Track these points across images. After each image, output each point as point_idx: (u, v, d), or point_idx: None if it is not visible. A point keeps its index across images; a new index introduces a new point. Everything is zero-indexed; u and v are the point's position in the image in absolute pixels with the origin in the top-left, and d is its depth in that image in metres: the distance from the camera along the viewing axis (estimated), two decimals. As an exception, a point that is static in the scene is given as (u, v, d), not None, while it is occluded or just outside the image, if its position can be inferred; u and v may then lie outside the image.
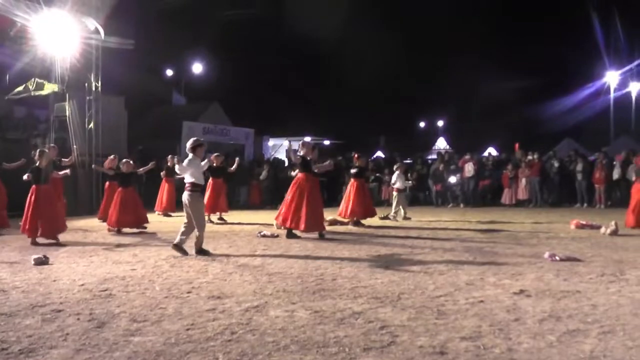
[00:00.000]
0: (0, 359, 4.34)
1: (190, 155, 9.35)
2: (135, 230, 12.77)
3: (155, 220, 15.12)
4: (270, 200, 20.29)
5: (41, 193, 10.89)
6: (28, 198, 10.93)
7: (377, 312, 5.43)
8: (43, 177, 10.99)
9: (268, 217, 14.77)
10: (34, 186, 10.97)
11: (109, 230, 12.69)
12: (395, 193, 15.97)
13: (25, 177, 10.95)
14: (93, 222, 14.53)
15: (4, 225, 12.74)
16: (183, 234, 9.19)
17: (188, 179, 9.21)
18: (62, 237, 11.15)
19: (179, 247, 9.16)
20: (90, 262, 8.69)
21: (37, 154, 11.20)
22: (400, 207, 15.67)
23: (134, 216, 12.74)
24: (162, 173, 17.40)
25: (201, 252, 9.13)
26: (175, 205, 16.91)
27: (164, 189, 17.28)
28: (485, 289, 6.41)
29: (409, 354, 4.25)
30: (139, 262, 8.55)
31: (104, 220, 13.74)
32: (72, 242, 11.03)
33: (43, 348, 4.55)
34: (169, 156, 16.89)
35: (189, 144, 9.47)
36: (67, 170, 12.84)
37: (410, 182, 17.34)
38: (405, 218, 15.44)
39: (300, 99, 39.79)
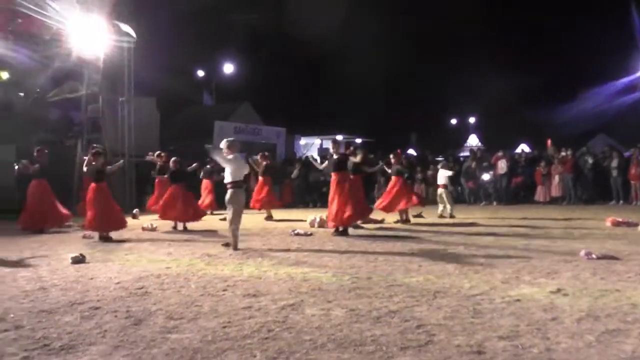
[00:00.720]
0: (43, 355, 4.39)
1: (231, 155, 9.68)
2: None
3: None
4: (302, 199, 20.31)
5: (101, 190, 11.33)
6: (88, 196, 11.37)
7: (413, 310, 5.38)
8: (102, 176, 11.48)
9: (300, 215, 14.79)
10: (93, 184, 11.40)
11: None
12: (440, 190, 15.86)
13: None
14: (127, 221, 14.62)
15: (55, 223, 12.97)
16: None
17: (227, 177, 9.61)
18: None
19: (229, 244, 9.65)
20: (126, 260, 8.79)
21: (93, 154, 11.64)
22: (445, 202, 15.57)
23: (192, 210, 13.15)
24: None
25: (228, 245, 9.64)
26: (215, 204, 17.20)
27: (204, 188, 17.45)
28: (521, 287, 6.31)
29: (447, 353, 4.20)
30: (173, 261, 8.61)
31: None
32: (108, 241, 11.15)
33: (82, 344, 4.60)
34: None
35: (223, 143, 9.82)
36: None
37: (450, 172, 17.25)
38: (441, 216, 15.31)
39: (331, 97, 39.82)
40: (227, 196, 9.65)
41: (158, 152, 15.64)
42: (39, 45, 18.85)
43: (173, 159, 13.49)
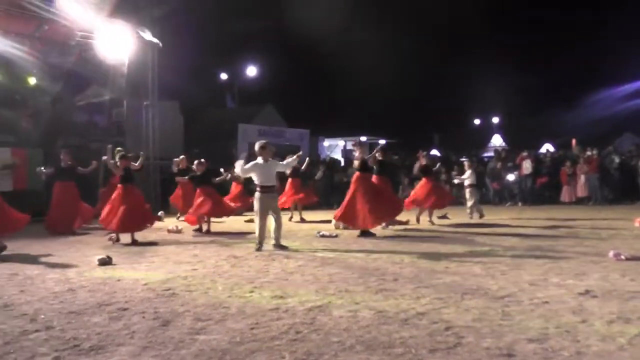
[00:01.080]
0: (73, 355, 4.43)
1: (260, 159, 9.87)
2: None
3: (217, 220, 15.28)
4: (326, 201, 20.29)
5: (128, 191, 11.44)
6: (115, 196, 11.49)
7: (441, 312, 5.35)
8: (129, 177, 11.65)
9: (325, 216, 14.78)
10: (120, 185, 11.55)
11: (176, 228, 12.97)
12: (468, 190, 15.75)
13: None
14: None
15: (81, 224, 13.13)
16: (275, 231, 9.89)
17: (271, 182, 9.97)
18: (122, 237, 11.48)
19: (278, 245, 9.83)
20: (152, 262, 8.84)
21: (118, 156, 11.81)
22: (473, 203, 15.46)
23: (219, 207, 13.24)
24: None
25: (280, 246, 9.89)
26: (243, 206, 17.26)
27: (233, 190, 17.55)
28: (549, 289, 6.24)
29: (476, 356, 4.16)
30: (199, 262, 8.64)
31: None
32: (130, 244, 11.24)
33: (112, 345, 4.63)
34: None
35: (258, 146, 10.01)
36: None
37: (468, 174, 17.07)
38: (481, 216, 15.21)
39: (355, 98, 39.79)
40: (254, 199, 9.90)
41: (182, 156, 15.74)
42: (65, 51, 19.11)
43: (197, 161, 13.53)
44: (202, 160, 13.54)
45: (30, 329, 5.15)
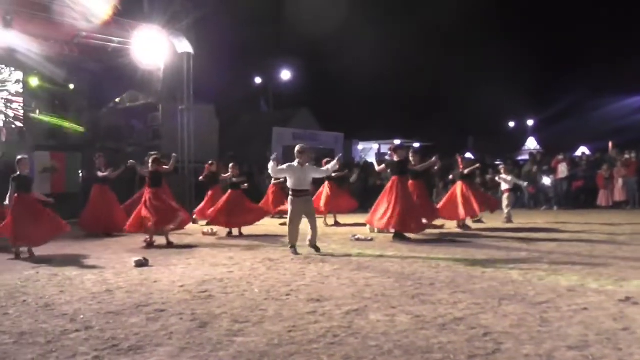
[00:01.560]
0: (113, 355, 4.47)
1: (296, 163, 9.87)
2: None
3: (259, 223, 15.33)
4: (361, 204, 20.19)
5: (158, 194, 11.52)
6: (144, 200, 11.58)
7: (479, 318, 5.28)
8: (158, 181, 11.69)
9: (360, 220, 14.70)
10: (150, 189, 11.61)
11: (206, 233, 13.00)
12: (506, 194, 15.54)
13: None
14: (188, 226, 14.79)
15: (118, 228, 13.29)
16: (311, 234, 9.86)
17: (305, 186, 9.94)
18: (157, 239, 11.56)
19: (314, 245, 9.83)
20: (188, 264, 8.89)
21: (150, 160, 11.89)
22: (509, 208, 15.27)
23: (249, 215, 13.24)
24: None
25: (293, 248, 9.76)
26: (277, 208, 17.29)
27: (270, 193, 17.62)
28: (588, 295, 6.11)
29: None
30: (235, 265, 8.66)
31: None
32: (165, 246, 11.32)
33: (150, 345, 4.66)
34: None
35: (296, 150, 10.00)
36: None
37: (525, 183, 16.90)
38: (509, 221, 15.00)
39: (389, 102, 39.69)
40: (288, 203, 9.96)
41: (210, 161, 15.86)
42: (102, 57, 19.42)
43: (232, 164, 13.59)
44: (234, 164, 13.58)
45: (71, 328, 5.23)
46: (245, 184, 13.58)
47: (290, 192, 9.86)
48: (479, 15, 44.88)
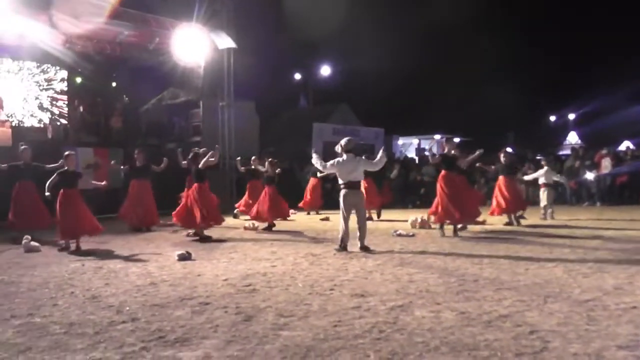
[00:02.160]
0: (159, 346, 4.50)
1: (345, 156, 9.69)
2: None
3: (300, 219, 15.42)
4: (401, 200, 20.11)
5: (201, 190, 11.55)
6: (189, 195, 11.66)
7: (524, 315, 5.21)
8: (201, 177, 11.73)
9: (400, 215, 14.62)
10: (195, 184, 11.70)
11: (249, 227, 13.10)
12: (543, 189, 15.26)
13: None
14: (229, 220, 14.86)
15: (154, 222, 13.40)
16: (359, 231, 9.54)
17: (356, 177, 9.71)
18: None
19: (363, 247, 9.48)
20: (230, 258, 8.93)
21: (193, 156, 11.99)
22: (548, 203, 14.99)
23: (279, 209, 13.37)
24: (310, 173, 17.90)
25: (342, 247, 9.51)
26: (320, 203, 17.63)
27: (311, 187, 17.66)
28: (636, 293, 5.96)
29: None
30: (278, 259, 8.66)
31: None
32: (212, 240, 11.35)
33: (196, 338, 4.68)
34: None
35: (344, 144, 9.80)
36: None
37: (561, 178, 16.55)
38: (551, 217, 14.71)
39: (429, 96, 39.34)
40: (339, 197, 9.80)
41: (253, 157, 15.97)
42: (143, 55, 19.68)
43: (269, 160, 13.61)
44: (273, 160, 13.60)
45: (117, 320, 5.29)
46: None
47: (342, 185, 9.64)
48: (521, 4, 44.30)
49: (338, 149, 9.86)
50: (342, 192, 9.63)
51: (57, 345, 4.58)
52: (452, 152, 11.66)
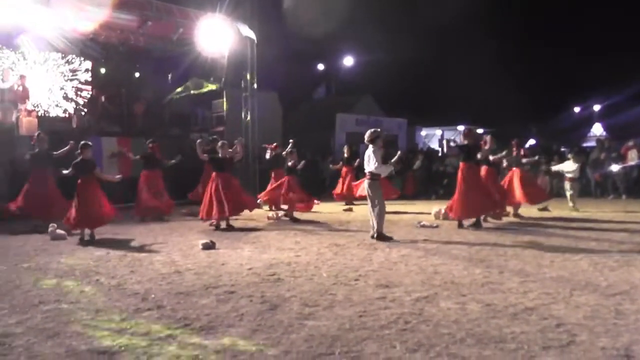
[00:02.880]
0: (185, 334, 4.54)
1: (371, 147, 9.71)
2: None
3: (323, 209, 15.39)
4: (425, 191, 20.00)
5: (222, 179, 11.46)
6: (209, 185, 11.55)
7: (550, 308, 5.17)
8: (224, 166, 11.63)
9: (424, 207, 14.53)
10: (214, 173, 11.63)
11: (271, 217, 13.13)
12: (568, 183, 15.09)
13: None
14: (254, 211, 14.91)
15: (168, 211, 13.42)
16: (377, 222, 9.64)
17: (367, 168, 9.68)
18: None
19: (381, 235, 9.57)
20: (255, 248, 8.93)
21: (219, 145, 11.91)
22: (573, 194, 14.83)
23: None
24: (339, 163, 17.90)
25: (380, 237, 9.52)
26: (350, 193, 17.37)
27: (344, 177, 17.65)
28: (666, 287, 5.87)
29: (591, 355, 4.01)
30: (302, 249, 8.66)
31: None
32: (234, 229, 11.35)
33: (222, 326, 4.71)
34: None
35: (368, 135, 9.82)
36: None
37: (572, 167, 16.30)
38: (574, 209, 14.54)
39: (452, 87, 38.93)
40: (366, 187, 9.85)
41: (275, 143, 15.98)
42: (167, 45, 19.76)
43: (290, 150, 13.56)
44: (293, 150, 13.57)
45: (143, 307, 5.34)
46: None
47: (373, 176, 9.65)
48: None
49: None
50: (377, 182, 9.71)
51: (85, 331, 4.63)
52: (473, 143, 11.46)
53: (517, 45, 45.03)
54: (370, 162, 9.71)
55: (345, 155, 17.54)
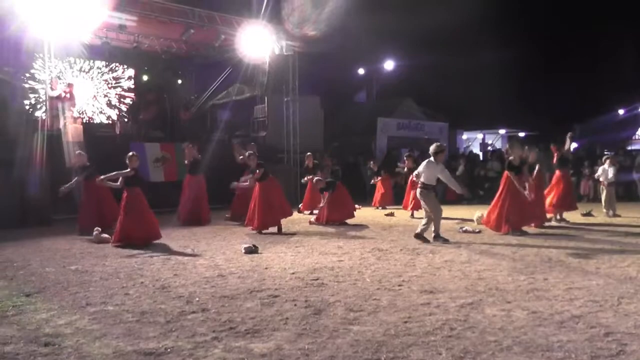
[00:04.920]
0: (231, 337, 4.56)
1: (429, 160, 10.07)
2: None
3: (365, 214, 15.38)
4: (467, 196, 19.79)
5: (263, 188, 11.48)
6: (255, 195, 11.59)
7: (598, 316, 5.04)
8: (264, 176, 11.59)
9: (466, 212, 14.38)
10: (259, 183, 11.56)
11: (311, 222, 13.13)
12: (604, 187, 14.77)
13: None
14: (294, 215, 14.91)
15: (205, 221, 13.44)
16: (424, 224, 10.00)
17: (422, 178, 10.05)
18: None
19: (419, 235, 9.93)
20: (297, 252, 8.96)
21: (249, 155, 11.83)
22: (604, 202, 14.50)
23: (344, 210, 13.17)
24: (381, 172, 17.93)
25: (438, 237, 9.87)
26: (393, 200, 17.65)
27: (380, 186, 17.64)
28: None
29: None
30: (344, 254, 8.65)
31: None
32: (275, 233, 11.43)
33: (267, 330, 4.71)
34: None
35: (432, 148, 10.22)
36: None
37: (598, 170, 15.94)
38: (614, 215, 14.20)
39: (493, 90, 38.50)
40: (418, 195, 10.18)
41: (308, 153, 16.05)
42: (209, 52, 20.03)
43: (325, 157, 13.56)
44: (327, 157, 13.55)
45: (188, 310, 5.38)
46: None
47: (424, 186, 9.97)
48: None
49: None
50: (424, 192, 10.02)
51: (131, 333, 4.70)
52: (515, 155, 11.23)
53: (558, 46, 44.24)
54: (421, 173, 10.01)
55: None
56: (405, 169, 15.73)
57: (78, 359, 4.14)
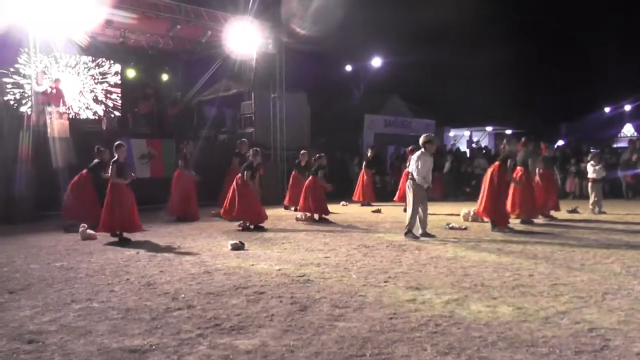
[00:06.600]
0: (216, 334, 4.55)
1: (421, 151, 10.02)
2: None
3: (351, 211, 15.43)
4: (454, 193, 19.87)
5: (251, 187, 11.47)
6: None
7: (582, 312, 5.08)
8: (256, 172, 11.60)
9: (452, 209, 14.43)
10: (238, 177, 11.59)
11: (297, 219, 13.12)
12: (590, 184, 14.88)
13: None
14: (280, 212, 15.04)
15: (195, 217, 13.42)
16: (423, 222, 10.03)
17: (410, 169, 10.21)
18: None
19: (426, 234, 9.97)
20: (283, 249, 8.96)
21: (252, 153, 11.77)
22: (593, 198, 14.61)
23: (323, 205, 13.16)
24: (363, 164, 17.95)
25: (408, 233, 9.94)
26: (374, 195, 17.63)
27: (362, 179, 17.64)
28: (703, 292, 5.74)
29: None
30: (331, 251, 8.66)
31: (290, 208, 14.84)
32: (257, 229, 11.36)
33: (252, 326, 4.71)
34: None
35: (422, 139, 10.19)
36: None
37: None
38: (600, 212, 14.31)
39: (480, 87, 38.66)
40: (406, 187, 10.26)
41: (302, 151, 16.04)
42: (196, 48, 19.95)
43: (318, 156, 13.54)
44: (322, 154, 13.55)
45: (173, 307, 5.38)
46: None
47: (414, 179, 9.94)
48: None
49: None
50: (417, 184, 10.00)
51: (116, 330, 4.69)
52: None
53: (546, 45, 44.50)
54: (412, 165, 10.01)
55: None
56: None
57: (62, 356, 4.12)
